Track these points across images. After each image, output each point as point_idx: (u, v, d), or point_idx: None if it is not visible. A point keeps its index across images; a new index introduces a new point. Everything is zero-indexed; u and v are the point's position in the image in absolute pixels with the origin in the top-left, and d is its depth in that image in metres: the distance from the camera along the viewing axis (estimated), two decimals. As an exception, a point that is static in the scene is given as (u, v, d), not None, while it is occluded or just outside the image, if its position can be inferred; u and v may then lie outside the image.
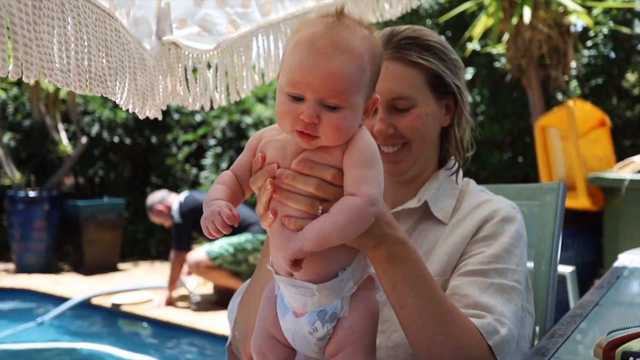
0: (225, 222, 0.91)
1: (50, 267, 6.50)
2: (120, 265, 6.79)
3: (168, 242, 7.51)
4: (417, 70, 1.25)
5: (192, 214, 4.85)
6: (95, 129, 7.12)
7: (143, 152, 7.87)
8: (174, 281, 5.01)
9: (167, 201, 5.09)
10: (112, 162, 7.60)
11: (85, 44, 1.16)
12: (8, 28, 0.91)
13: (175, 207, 4.92)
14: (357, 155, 0.93)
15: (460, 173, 1.36)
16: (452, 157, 1.36)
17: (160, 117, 1.56)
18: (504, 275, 1.18)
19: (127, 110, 1.37)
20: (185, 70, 1.68)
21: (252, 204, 7.58)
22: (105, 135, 7.19)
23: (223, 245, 4.82)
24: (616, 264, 2.19)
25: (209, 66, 1.73)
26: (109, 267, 6.53)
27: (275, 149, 0.97)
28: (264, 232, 4.80)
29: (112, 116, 7.17)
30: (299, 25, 0.95)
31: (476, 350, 1.05)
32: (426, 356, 1.05)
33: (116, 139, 7.28)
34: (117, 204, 6.78)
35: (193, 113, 7.91)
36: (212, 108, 1.74)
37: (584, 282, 4.26)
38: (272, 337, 1.01)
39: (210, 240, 4.99)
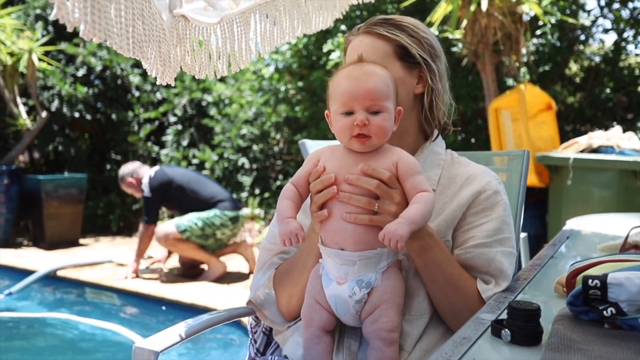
0: (299, 241, 1.19)
1: (8, 242, 6.43)
2: (82, 240, 6.77)
3: (129, 218, 7.52)
4: (385, 42, 1.46)
5: (161, 188, 4.91)
6: (55, 104, 7.02)
7: (102, 128, 7.80)
8: (141, 253, 5.05)
9: (138, 174, 5.09)
10: (71, 138, 7.51)
11: (130, 11, 1.31)
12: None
13: (145, 180, 4.93)
14: (412, 167, 1.25)
15: (443, 143, 1.55)
16: (435, 130, 1.53)
17: (173, 84, 1.71)
18: (505, 243, 1.44)
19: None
20: (192, 41, 1.83)
21: (220, 182, 7.65)
22: (65, 110, 7.09)
23: (192, 219, 4.90)
24: (565, 227, 2.48)
25: (213, 39, 1.89)
26: (71, 242, 6.50)
27: (333, 163, 1.26)
28: (232, 209, 4.99)
29: (72, 91, 7.08)
30: (335, 75, 1.29)
31: (479, 304, 1.34)
32: (449, 315, 1.37)
33: (76, 115, 7.18)
34: (78, 178, 6.69)
35: (154, 90, 7.88)
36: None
37: (531, 252, 4.60)
38: (317, 303, 1.29)
39: (181, 214, 5.09)
